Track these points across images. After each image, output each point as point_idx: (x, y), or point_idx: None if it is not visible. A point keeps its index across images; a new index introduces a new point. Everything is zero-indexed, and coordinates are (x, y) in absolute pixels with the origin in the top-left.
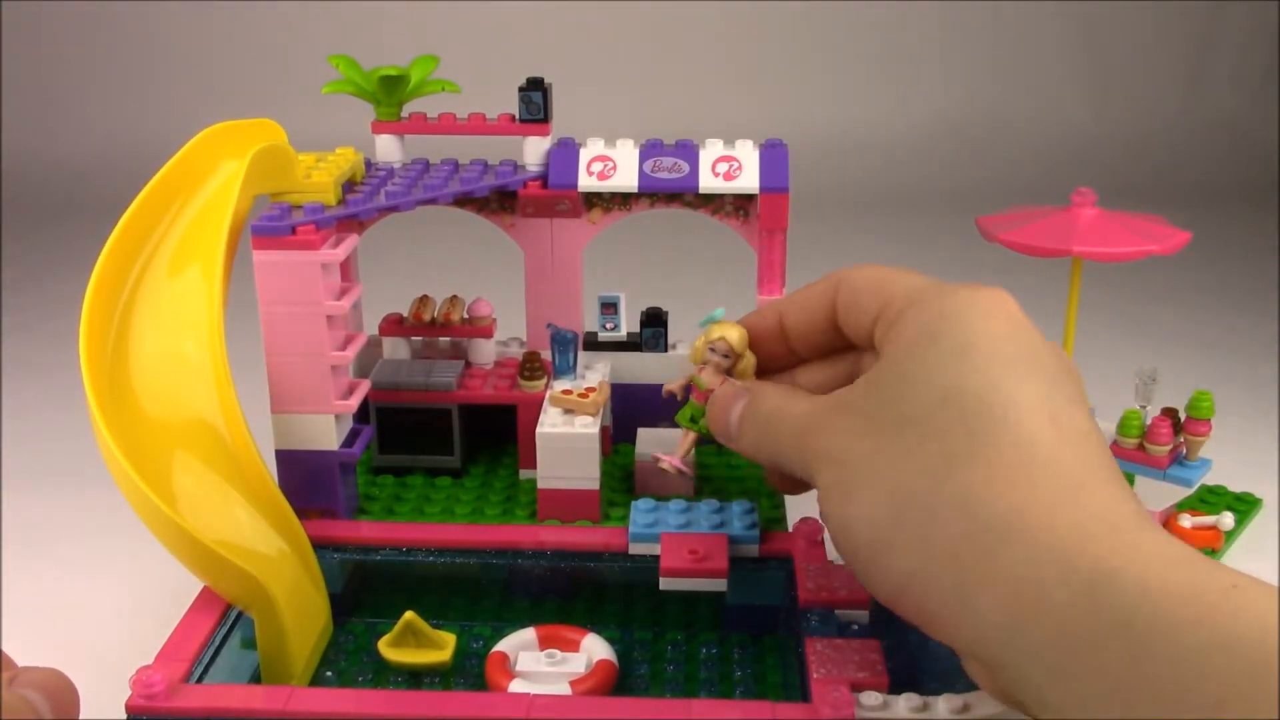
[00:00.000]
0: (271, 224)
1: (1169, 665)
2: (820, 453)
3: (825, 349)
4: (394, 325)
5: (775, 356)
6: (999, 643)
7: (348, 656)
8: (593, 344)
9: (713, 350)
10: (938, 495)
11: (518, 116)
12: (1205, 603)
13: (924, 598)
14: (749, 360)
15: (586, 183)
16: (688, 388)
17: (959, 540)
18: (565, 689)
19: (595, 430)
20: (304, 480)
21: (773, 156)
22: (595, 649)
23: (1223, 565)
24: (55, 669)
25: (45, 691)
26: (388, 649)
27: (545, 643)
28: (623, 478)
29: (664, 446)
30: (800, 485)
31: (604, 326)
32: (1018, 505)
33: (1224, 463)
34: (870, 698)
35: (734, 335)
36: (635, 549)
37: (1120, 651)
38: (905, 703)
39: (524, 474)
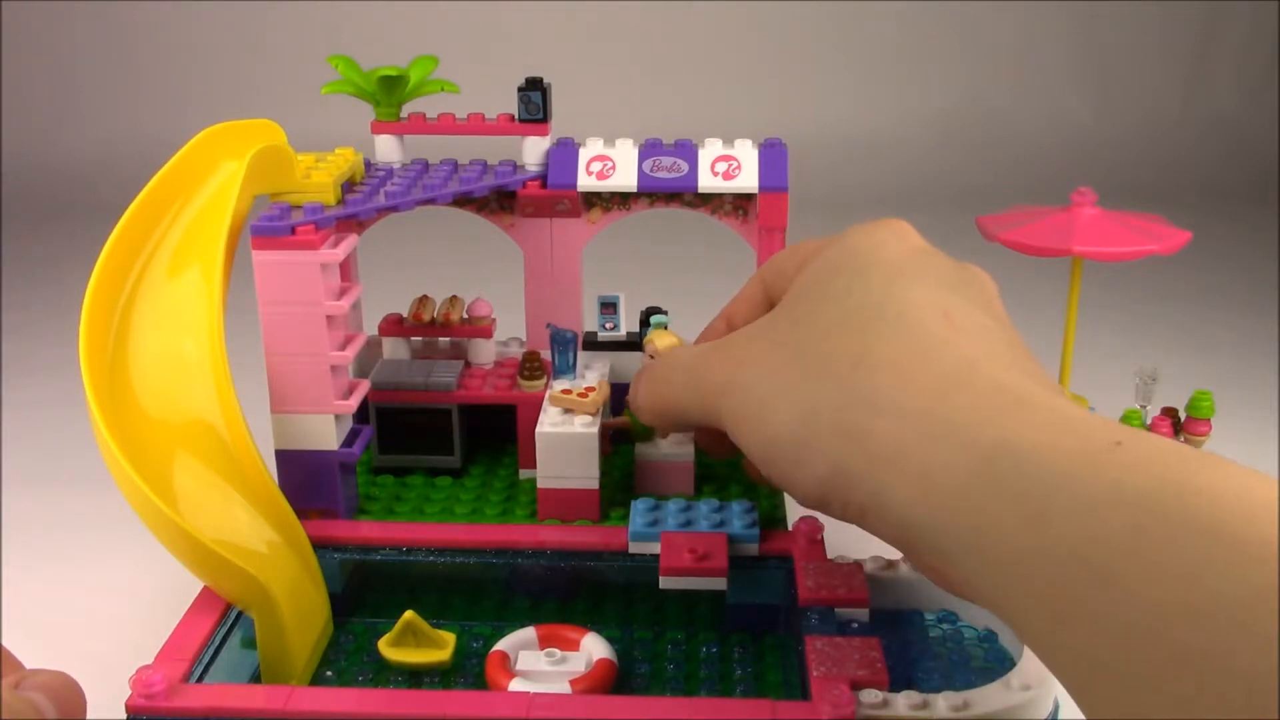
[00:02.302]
0: (271, 224)
1: (1063, 527)
2: (720, 384)
3: None
4: (394, 325)
5: None
6: (917, 527)
7: (348, 656)
8: (592, 344)
9: (645, 353)
10: (845, 397)
11: (517, 116)
12: (1093, 463)
13: (846, 495)
14: None
15: (586, 182)
16: None
17: (868, 434)
18: (565, 688)
19: (595, 430)
20: (304, 480)
21: (772, 156)
22: (595, 648)
23: (1111, 423)
24: (62, 671)
25: (51, 694)
26: (388, 649)
27: (545, 642)
28: (622, 477)
29: (664, 444)
30: (724, 444)
31: (603, 326)
32: (915, 390)
33: None
34: (870, 695)
35: (662, 343)
36: (635, 548)
37: (1019, 519)
38: (905, 700)
39: (524, 474)
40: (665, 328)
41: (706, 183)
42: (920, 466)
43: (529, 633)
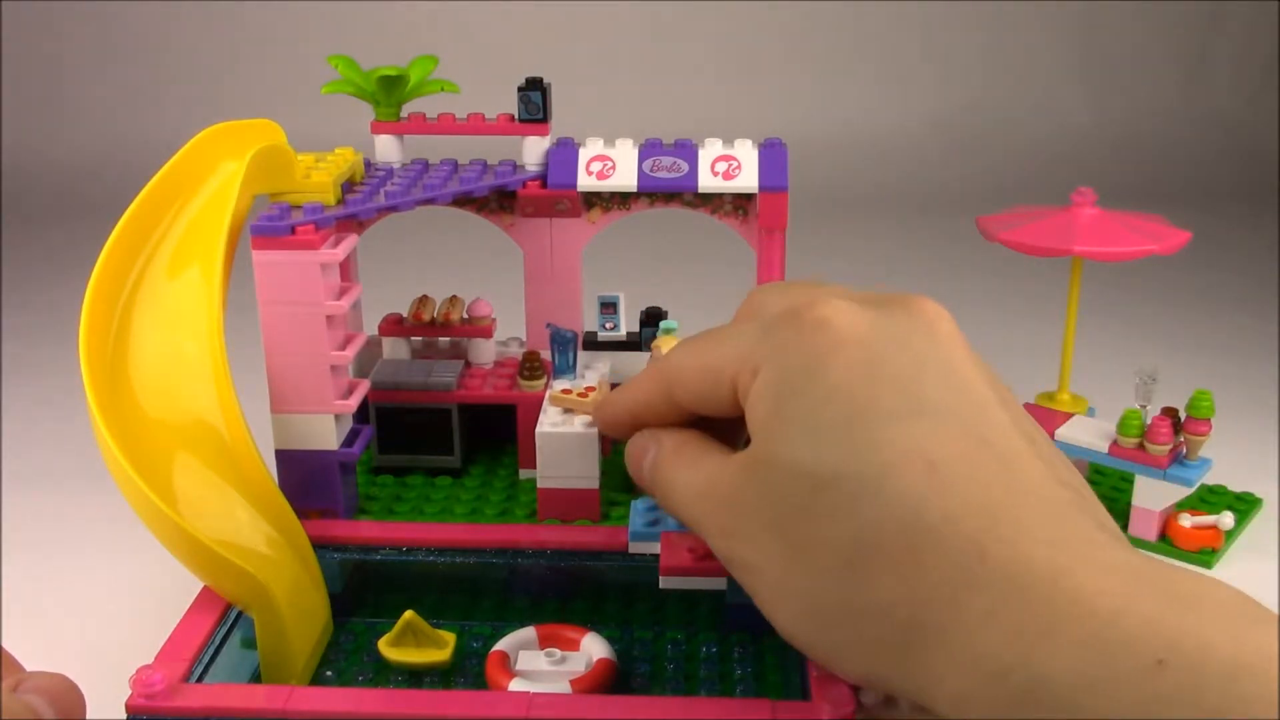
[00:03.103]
0: (271, 224)
1: None
2: (724, 556)
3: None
4: (394, 325)
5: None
6: None
7: (348, 656)
8: (592, 344)
9: (651, 358)
10: (853, 603)
11: (517, 116)
12: (1132, 692)
13: (889, 691)
14: None
15: (586, 182)
16: None
17: (892, 650)
18: (565, 688)
19: (595, 430)
20: (304, 480)
21: (772, 156)
22: (595, 648)
23: (1149, 609)
24: (61, 674)
25: (50, 696)
26: (388, 648)
27: (545, 642)
28: (623, 477)
29: None
30: None
31: (604, 326)
32: (926, 600)
33: (1224, 462)
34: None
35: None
36: (635, 548)
37: None
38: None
39: (524, 474)
40: (673, 333)
41: (706, 183)
42: (954, 695)
43: (529, 633)
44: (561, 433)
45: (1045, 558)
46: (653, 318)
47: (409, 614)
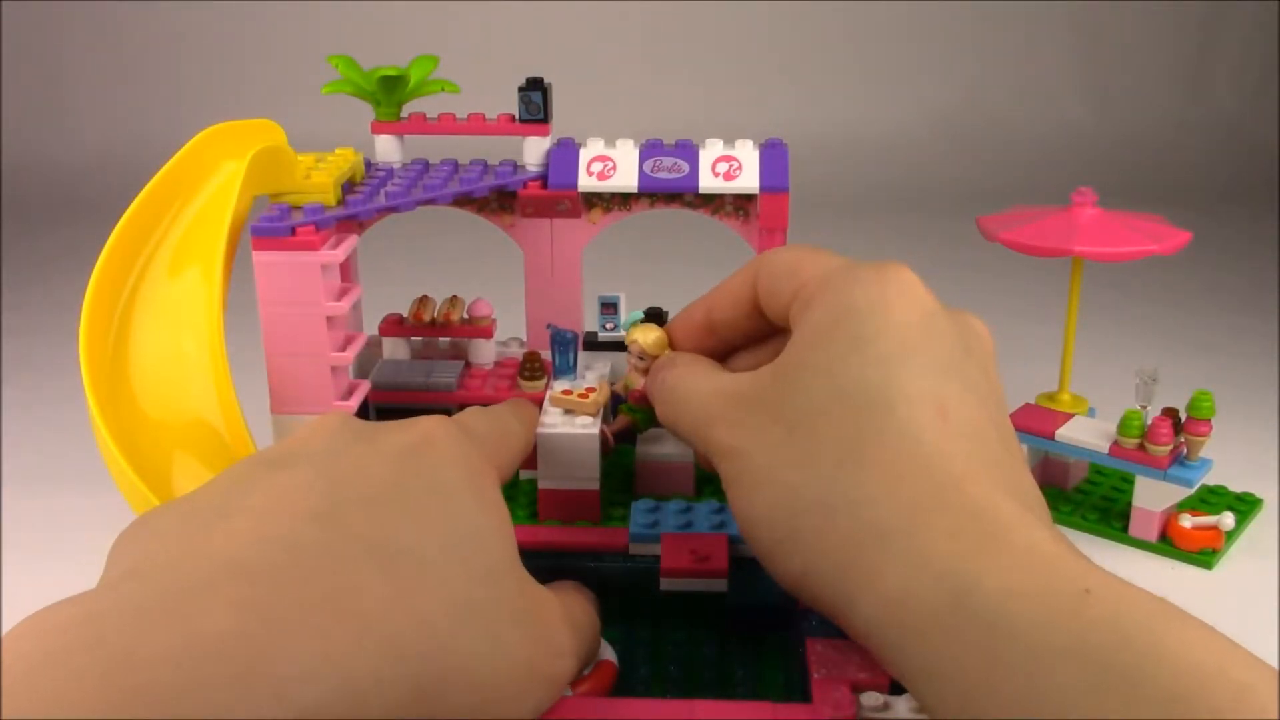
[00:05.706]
0: (271, 225)
1: (1021, 673)
2: (720, 444)
3: (755, 335)
4: (394, 325)
5: (708, 350)
6: (878, 641)
7: None
8: (593, 344)
9: (629, 354)
10: (829, 496)
11: (517, 116)
12: (1057, 609)
13: (817, 593)
14: None
15: (586, 183)
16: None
17: (846, 542)
18: (566, 690)
19: (595, 430)
20: None
21: (773, 156)
22: None
23: (1085, 565)
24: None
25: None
26: None
27: None
28: (623, 478)
29: (664, 444)
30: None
31: (604, 326)
32: (898, 507)
33: (1225, 463)
34: (871, 698)
35: (647, 340)
36: (635, 549)
37: (980, 658)
38: (906, 703)
39: (524, 474)
40: (639, 323)
41: (707, 183)
42: (891, 591)
43: None
44: (562, 433)
45: (1012, 513)
46: (653, 318)
47: None
